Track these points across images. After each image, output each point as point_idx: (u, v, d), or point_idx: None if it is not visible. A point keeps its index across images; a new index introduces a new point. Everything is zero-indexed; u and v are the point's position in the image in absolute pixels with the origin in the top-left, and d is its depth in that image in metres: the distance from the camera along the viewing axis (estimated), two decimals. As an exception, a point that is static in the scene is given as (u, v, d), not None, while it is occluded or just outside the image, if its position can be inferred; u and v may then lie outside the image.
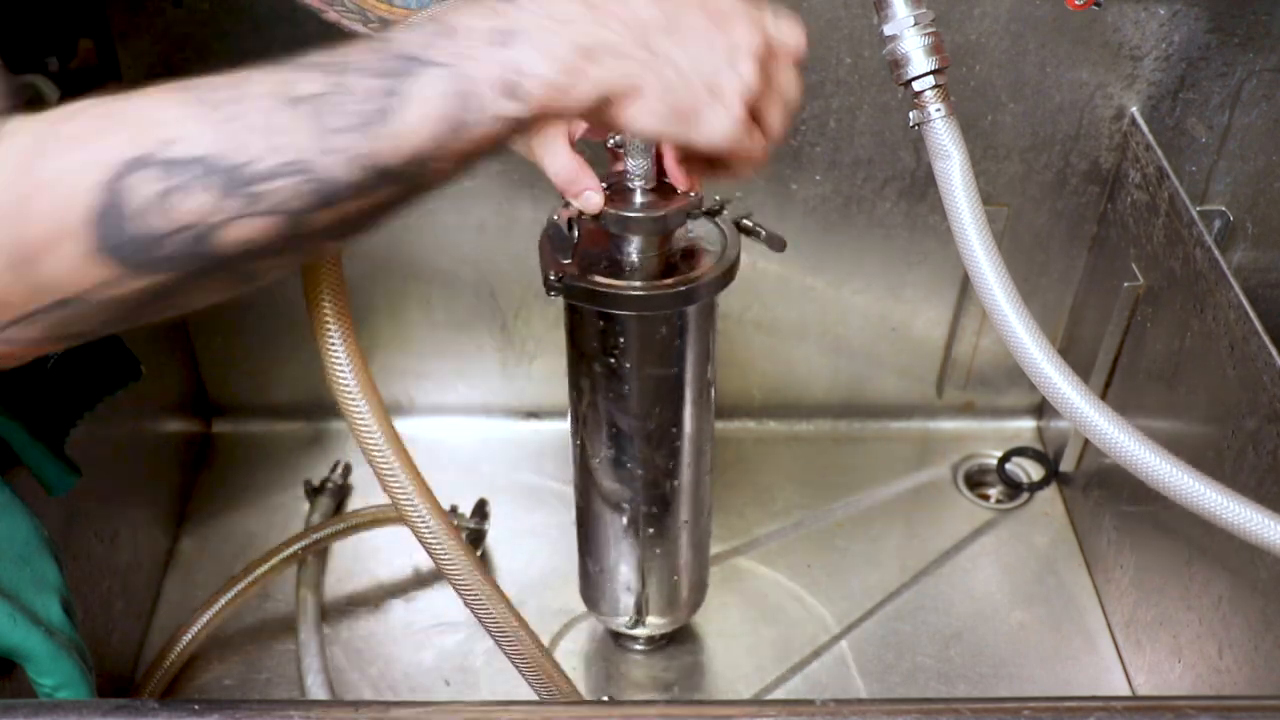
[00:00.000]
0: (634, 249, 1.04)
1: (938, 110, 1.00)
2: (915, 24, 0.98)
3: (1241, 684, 1.13)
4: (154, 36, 1.34)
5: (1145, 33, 1.33)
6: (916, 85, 0.99)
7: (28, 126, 0.63)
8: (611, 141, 1.02)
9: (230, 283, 0.68)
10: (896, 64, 1.00)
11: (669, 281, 1.04)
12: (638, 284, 1.03)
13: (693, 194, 1.02)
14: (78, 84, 1.33)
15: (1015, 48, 1.34)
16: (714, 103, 0.74)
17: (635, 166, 1.00)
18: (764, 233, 1.12)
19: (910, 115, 1.02)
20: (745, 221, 1.10)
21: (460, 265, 1.53)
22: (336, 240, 0.68)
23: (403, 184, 0.67)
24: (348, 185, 0.65)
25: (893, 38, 0.99)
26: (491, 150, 0.70)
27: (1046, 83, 1.37)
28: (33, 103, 0.67)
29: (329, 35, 1.05)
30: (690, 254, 1.07)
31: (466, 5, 0.69)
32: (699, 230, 1.09)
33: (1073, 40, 1.34)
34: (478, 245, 1.50)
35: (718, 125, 0.75)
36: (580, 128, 0.98)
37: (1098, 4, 1.19)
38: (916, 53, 0.98)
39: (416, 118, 0.65)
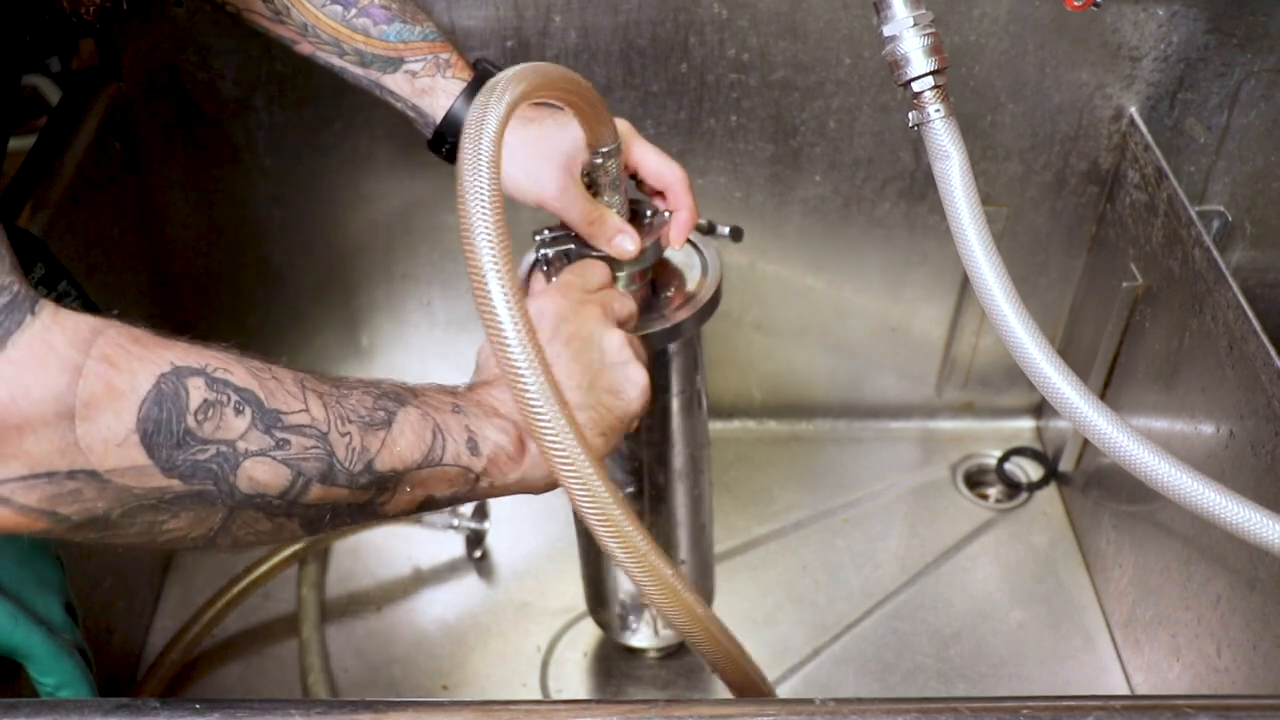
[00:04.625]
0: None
1: (937, 111, 1.00)
2: (914, 24, 0.98)
3: (1240, 683, 1.13)
4: (156, 37, 1.34)
5: (1144, 33, 1.33)
6: (916, 86, 0.99)
7: (69, 315, 0.64)
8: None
9: (207, 523, 0.69)
10: (896, 64, 1.00)
11: (651, 319, 1.01)
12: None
13: (663, 213, 1.01)
14: (79, 84, 1.34)
15: (1014, 48, 1.35)
16: (615, 399, 0.84)
17: (608, 203, 0.99)
18: (721, 230, 1.09)
19: (910, 116, 1.01)
20: (700, 222, 1.07)
21: (460, 265, 1.51)
22: (304, 528, 0.73)
23: (382, 491, 0.74)
24: (345, 471, 0.71)
25: (892, 38, 0.99)
26: (443, 500, 0.78)
27: (1045, 83, 1.37)
28: (34, 102, 0.67)
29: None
30: (671, 281, 1.05)
31: (420, 387, 0.79)
32: (676, 256, 1.07)
33: (1072, 41, 1.34)
34: (478, 245, 1.50)
35: (636, 404, 0.86)
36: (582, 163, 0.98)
37: (1096, 4, 1.19)
38: (916, 53, 0.98)
39: (403, 433, 0.74)
